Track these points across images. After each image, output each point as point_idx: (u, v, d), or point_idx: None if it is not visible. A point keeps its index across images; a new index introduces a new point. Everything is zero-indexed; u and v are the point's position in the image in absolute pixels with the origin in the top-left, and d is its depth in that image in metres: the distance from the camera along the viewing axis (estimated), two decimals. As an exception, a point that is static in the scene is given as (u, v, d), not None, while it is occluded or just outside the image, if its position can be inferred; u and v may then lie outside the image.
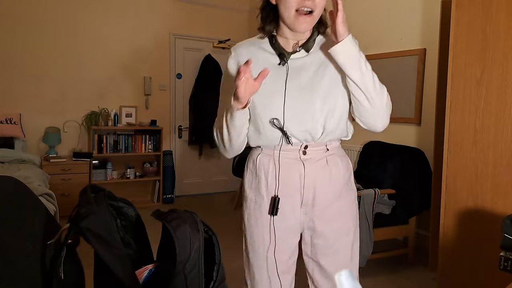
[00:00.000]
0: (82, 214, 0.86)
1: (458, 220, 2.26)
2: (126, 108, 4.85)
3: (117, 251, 0.84)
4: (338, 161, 1.29)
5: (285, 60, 1.23)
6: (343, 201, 1.31)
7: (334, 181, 1.27)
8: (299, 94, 1.21)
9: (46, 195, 2.82)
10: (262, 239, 1.29)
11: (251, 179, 1.32)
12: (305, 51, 1.24)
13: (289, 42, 1.25)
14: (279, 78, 1.23)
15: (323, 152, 1.26)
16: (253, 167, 1.32)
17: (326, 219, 1.27)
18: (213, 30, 5.35)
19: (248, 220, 1.32)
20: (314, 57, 1.25)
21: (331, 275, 1.29)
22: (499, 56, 2.06)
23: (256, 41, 1.30)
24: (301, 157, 1.24)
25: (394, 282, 2.80)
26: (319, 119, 1.22)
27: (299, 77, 1.22)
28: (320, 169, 1.25)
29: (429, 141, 3.28)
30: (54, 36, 4.45)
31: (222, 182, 5.57)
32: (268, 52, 1.26)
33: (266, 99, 1.22)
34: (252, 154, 1.35)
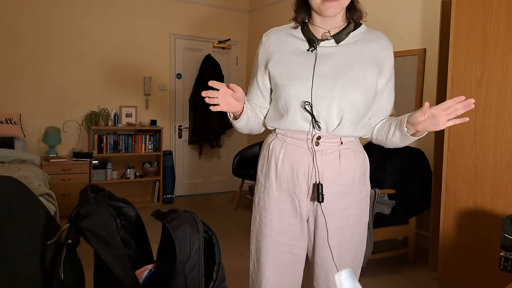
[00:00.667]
0: (82, 214, 0.86)
1: (458, 220, 2.26)
2: (126, 108, 4.85)
3: (117, 251, 0.84)
4: (352, 156, 1.28)
5: (315, 46, 1.24)
6: (352, 198, 1.29)
7: (344, 176, 1.26)
8: (322, 80, 1.22)
9: (46, 195, 2.81)
10: (270, 221, 1.31)
11: (263, 163, 1.35)
12: (335, 41, 1.25)
13: (320, 30, 1.27)
14: (308, 63, 1.24)
15: (337, 145, 1.25)
16: (266, 151, 1.34)
17: (330, 214, 1.26)
18: (213, 30, 5.35)
19: (258, 203, 1.35)
20: (345, 49, 1.25)
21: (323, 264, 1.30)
22: (499, 56, 2.06)
23: (286, 28, 1.34)
24: (313, 147, 1.24)
25: (394, 282, 2.80)
26: (335, 109, 1.22)
27: (325, 65, 1.23)
28: (331, 162, 1.24)
29: (429, 141, 3.27)
30: (54, 36, 4.45)
31: (222, 182, 5.56)
32: (298, 39, 1.29)
33: (293, 81, 1.23)
34: (267, 139, 1.37)
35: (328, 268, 1.30)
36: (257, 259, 1.36)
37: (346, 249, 1.30)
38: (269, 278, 1.33)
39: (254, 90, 1.38)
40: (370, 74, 1.25)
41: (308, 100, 1.22)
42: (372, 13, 4.10)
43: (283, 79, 1.25)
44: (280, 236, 1.30)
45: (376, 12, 3.86)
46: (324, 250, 1.29)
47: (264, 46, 1.34)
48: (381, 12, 3.82)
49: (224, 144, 5.44)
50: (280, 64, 1.28)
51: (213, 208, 4.85)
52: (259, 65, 1.35)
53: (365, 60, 1.25)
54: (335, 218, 1.27)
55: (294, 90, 1.23)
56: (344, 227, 1.29)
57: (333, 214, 1.27)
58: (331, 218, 1.26)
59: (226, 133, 5.39)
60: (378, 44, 1.29)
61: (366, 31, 1.31)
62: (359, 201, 1.32)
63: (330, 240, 1.27)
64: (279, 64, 1.28)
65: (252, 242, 1.38)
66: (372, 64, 1.26)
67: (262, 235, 1.32)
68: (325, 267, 1.30)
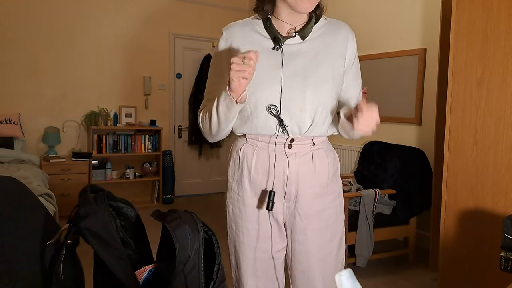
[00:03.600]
0: (82, 214, 0.85)
1: (459, 220, 2.26)
2: (125, 108, 4.85)
3: (116, 251, 0.84)
4: (324, 156, 1.25)
5: (280, 44, 1.17)
6: (329, 198, 1.26)
7: (318, 177, 1.23)
8: (291, 81, 1.16)
9: (46, 195, 2.81)
10: (247, 229, 1.26)
11: (234, 170, 1.27)
12: (300, 37, 1.19)
13: (284, 26, 1.19)
14: (274, 63, 1.17)
15: (309, 146, 1.22)
16: (236, 157, 1.27)
17: (308, 216, 1.23)
18: (213, 30, 5.34)
19: (233, 211, 1.29)
20: (311, 45, 1.19)
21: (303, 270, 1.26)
22: (499, 56, 2.06)
23: (250, 22, 1.24)
24: (286, 151, 1.20)
25: (394, 283, 2.80)
26: (308, 110, 1.17)
27: (293, 64, 1.17)
28: (305, 164, 1.21)
29: (429, 141, 3.27)
30: (54, 36, 4.45)
31: (222, 182, 5.54)
32: (262, 35, 1.20)
33: (261, 84, 1.16)
34: (236, 143, 1.30)
35: (311, 274, 1.26)
36: (237, 268, 1.31)
37: (328, 253, 1.27)
38: (251, 286, 1.29)
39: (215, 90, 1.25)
40: (338, 69, 1.21)
41: (275, 104, 1.15)
42: (372, 13, 4.12)
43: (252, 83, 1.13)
44: (258, 243, 1.26)
45: (376, 12, 3.85)
46: (304, 255, 1.25)
47: (226, 42, 1.25)
48: (381, 12, 3.81)
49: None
50: None
51: (213, 208, 4.85)
52: (221, 64, 1.25)
53: (331, 53, 1.20)
54: (314, 221, 1.23)
55: (263, 94, 1.16)
56: (323, 229, 1.25)
57: (311, 217, 1.23)
58: (309, 221, 1.23)
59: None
60: (341, 35, 1.23)
61: (327, 22, 1.25)
62: (334, 200, 1.28)
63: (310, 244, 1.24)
64: None
65: (231, 251, 1.33)
66: (338, 57, 1.21)
67: (240, 244, 1.28)
68: (307, 274, 1.26)
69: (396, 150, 3.38)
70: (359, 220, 2.80)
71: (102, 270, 0.90)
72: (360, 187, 3.19)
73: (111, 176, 4.65)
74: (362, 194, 2.84)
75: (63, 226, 0.94)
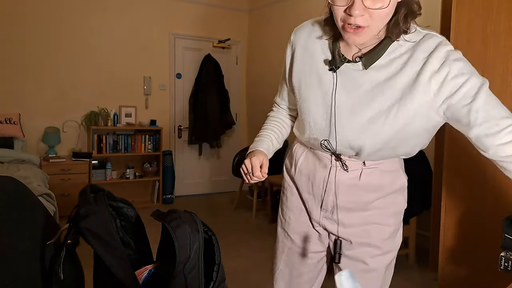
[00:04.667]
0: (82, 214, 0.86)
1: (459, 220, 2.26)
2: (125, 108, 4.85)
3: (116, 251, 0.84)
4: (377, 176, 1.13)
5: (334, 68, 1.04)
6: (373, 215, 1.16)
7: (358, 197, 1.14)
8: (338, 110, 1.06)
9: (46, 195, 2.81)
10: (289, 218, 1.30)
11: (287, 161, 1.33)
12: (362, 65, 1.01)
13: (352, 48, 1.04)
14: (328, 87, 1.07)
15: (360, 164, 1.12)
16: (290, 152, 1.32)
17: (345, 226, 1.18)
18: (213, 30, 5.35)
19: (282, 198, 1.35)
20: (376, 73, 1.01)
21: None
22: (499, 56, 2.06)
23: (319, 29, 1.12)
24: (332, 160, 1.15)
25: (394, 283, 2.79)
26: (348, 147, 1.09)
27: (346, 94, 1.05)
28: (348, 179, 1.13)
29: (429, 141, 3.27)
30: (53, 36, 4.45)
31: (222, 182, 5.56)
32: (324, 49, 1.09)
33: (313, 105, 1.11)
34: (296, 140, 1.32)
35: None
36: (276, 249, 1.36)
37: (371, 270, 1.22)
38: (282, 270, 1.33)
39: (284, 91, 1.28)
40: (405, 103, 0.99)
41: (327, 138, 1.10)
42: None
43: (301, 97, 1.13)
44: (294, 235, 1.28)
45: (376, 12, 3.85)
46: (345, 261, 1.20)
47: (291, 47, 1.17)
48: (381, 12, 3.81)
49: (224, 144, 5.44)
50: (301, 78, 1.14)
51: (213, 208, 4.85)
52: (286, 68, 1.21)
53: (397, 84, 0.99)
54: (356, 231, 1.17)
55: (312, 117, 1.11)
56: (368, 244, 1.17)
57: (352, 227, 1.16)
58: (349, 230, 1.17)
59: (226, 133, 5.38)
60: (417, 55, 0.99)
61: (413, 46, 1.01)
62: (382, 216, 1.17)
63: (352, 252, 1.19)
64: (299, 78, 1.14)
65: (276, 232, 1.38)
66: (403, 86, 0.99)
67: (281, 230, 1.33)
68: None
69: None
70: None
71: (102, 270, 0.90)
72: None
73: (111, 176, 4.65)
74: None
75: (63, 226, 0.95)
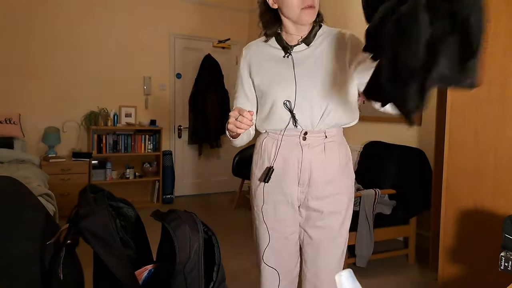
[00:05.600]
0: (82, 214, 0.85)
1: (459, 220, 2.26)
2: (125, 108, 4.85)
3: (116, 251, 0.84)
4: (336, 148, 1.41)
5: (289, 52, 1.38)
6: (337, 185, 1.42)
7: (329, 166, 1.39)
8: (302, 81, 1.35)
9: (46, 195, 2.81)
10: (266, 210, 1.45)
11: (257, 159, 1.48)
12: (305, 44, 1.38)
13: (293, 37, 1.40)
14: (287, 67, 1.37)
15: (322, 139, 1.38)
16: (259, 148, 1.48)
17: (319, 198, 1.40)
18: (213, 30, 5.34)
19: (254, 194, 1.49)
20: (315, 49, 1.38)
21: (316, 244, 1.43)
22: (499, 56, 2.06)
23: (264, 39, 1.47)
24: (300, 142, 1.38)
25: (394, 283, 2.80)
26: (317, 105, 1.34)
27: (303, 67, 1.36)
28: (317, 154, 1.38)
29: (429, 141, 3.27)
30: (54, 36, 4.45)
31: (222, 182, 5.56)
32: (274, 48, 1.42)
33: (276, 85, 1.38)
34: (259, 137, 1.50)
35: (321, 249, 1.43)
36: (257, 245, 1.51)
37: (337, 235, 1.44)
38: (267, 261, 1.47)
39: (241, 100, 1.49)
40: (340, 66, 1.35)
41: (289, 99, 1.35)
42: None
43: (266, 85, 1.40)
44: (274, 224, 1.45)
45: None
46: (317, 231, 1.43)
47: (245, 58, 1.48)
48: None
49: (224, 144, 5.44)
50: (261, 73, 1.42)
51: (213, 208, 4.85)
52: (243, 76, 1.48)
53: (334, 52, 1.37)
54: (327, 202, 1.40)
55: (278, 93, 1.37)
56: (335, 212, 1.42)
57: (324, 198, 1.40)
58: (322, 202, 1.40)
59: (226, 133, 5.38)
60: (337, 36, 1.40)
61: (327, 30, 1.43)
62: (347, 186, 1.46)
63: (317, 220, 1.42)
64: (260, 73, 1.43)
65: (253, 228, 1.53)
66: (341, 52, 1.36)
67: (260, 222, 1.47)
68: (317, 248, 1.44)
69: (396, 150, 3.38)
70: (359, 220, 2.80)
71: (102, 270, 0.90)
72: (360, 187, 3.19)
73: (111, 176, 4.65)
74: (362, 194, 2.84)
75: (63, 226, 0.94)
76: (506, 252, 1.52)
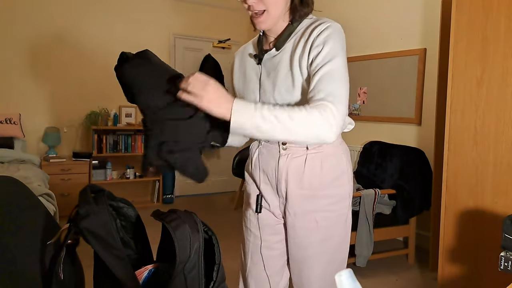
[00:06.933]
0: (82, 214, 0.86)
1: (459, 220, 2.26)
2: (126, 108, 4.85)
3: (116, 251, 0.84)
4: (318, 161, 1.22)
5: (259, 59, 1.26)
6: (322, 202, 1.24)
7: (308, 180, 1.23)
8: (263, 91, 1.26)
9: (46, 195, 2.81)
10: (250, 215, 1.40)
11: (248, 162, 1.43)
12: (275, 49, 1.22)
13: (269, 39, 1.28)
14: (256, 77, 1.29)
15: (303, 150, 1.22)
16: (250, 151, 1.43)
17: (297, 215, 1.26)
18: (213, 30, 5.34)
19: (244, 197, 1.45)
20: (285, 53, 1.21)
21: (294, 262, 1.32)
22: (499, 56, 2.06)
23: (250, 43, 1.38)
24: (280, 151, 1.26)
25: (394, 283, 2.80)
26: None
27: (268, 75, 1.25)
28: (295, 166, 1.23)
29: (429, 141, 3.27)
30: (54, 36, 4.45)
31: (222, 182, 5.56)
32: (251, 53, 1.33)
33: (246, 96, 1.32)
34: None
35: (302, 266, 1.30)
36: (243, 251, 1.44)
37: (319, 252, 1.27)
38: (251, 271, 1.38)
39: None
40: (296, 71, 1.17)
41: None
42: (372, 13, 4.11)
43: (240, 95, 1.36)
44: (258, 231, 1.36)
45: (376, 12, 3.86)
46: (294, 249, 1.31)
47: (233, 64, 1.41)
48: (381, 12, 3.81)
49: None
50: (239, 81, 1.37)
51: (213, 208, 4.85)
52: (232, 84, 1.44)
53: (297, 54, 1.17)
54: (302, 220, 1.26)
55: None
56: (312, 229, 1.25)
57: (300, 215, 1.26)
58: (298, 219, 1.26)
59: (226, 133, 5.38)
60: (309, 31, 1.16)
61: (307, 24, 1.20)
62: (331, 204, 1.25)
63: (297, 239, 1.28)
64: (238, 81, 1.38)
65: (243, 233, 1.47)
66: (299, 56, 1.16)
67: (246, 228, 1.42)
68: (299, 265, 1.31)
69: (396, 150, 3.38)
70: (359, 220, 2.80)
71: (102, 270, 0.90)
72: (360, 187, 3.19)
73: (111, 176, 4.65)
74: (362, 194, 2.84)
75: (63, 226, 0.95)
76: (506, 252, 1.52)
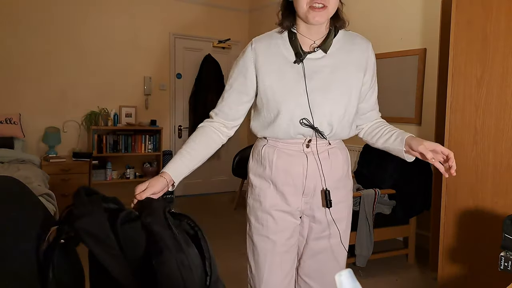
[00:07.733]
0: (77, 214, 0.85)
1: (459, 220, 2.26)
2: (125, 108, 4.85)
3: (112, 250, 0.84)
4: (339, 154, 1.35)
5: (301, 59, 1.25)
6: (342, 192, 1.38)
7: (334, 173, 1.34)
8: (312, 95, 1.25)
9: (46, 195, 2.81)
10: (266, 222, 1.33)
11: (256, 167, 1.37)
12: (322, 51, 1.26)
13: (306, 40, 1.28)
14: (297, 76, 1.26)
15: (325, 145, 1.32)
16: (258, 156, 1.37)
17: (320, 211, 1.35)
18: (213, 30, 5.34)
19: (253, 205, 1.38)
20: (331, 59, 1.27)
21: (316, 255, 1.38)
22: (499, 56, 2.06)
23: (275, 36, 1.31)
24: (304, 150, 1.30)
25: (394, 283, 2.80)
26: (326, 122, 1.27)
27: (315, 78, 1.25)
28: (322, 161, 1.31)
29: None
30: (54, 36, 4.45)
31: (222, 182, 5.56)
32: (286, 49, 1.28)
33: (285, 95, 1.26)
34: (257, 144, 1.40)
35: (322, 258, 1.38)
36: (254, 261, 1.38)
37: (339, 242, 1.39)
38: (268, 280, 1.34)
39: (232, 97, 1.34)
40: (356, 82, 1.30)
41: (305, 117, 1.25)
42: (372, 13, 4.11)
43: (277, 94, 1.26)
44: (276, 236, 1.33)
45: (376, 12, 3.85)
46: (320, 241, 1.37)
47: (253, 52, 1.29)
48: (381, 12, 3.81)
49: (224, 144, 5.43)
50: (269, 76, 1.27)
51: (213, 208, 4.85)
52: (248, 69, 1.30)
53: (350, 66, 1.29)
54: (333, 211, 1.34)
55: (288, 106, 1.25)
56: (339, 220, 1.37)
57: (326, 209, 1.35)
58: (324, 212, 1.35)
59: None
60: (358, 46, 1.32)
61: (344, 35, 1.32)
62: (347, 195, 1.41)
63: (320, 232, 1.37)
64: (268, 75, 1.27)
65: (249, 245, 1.40)
66: (356, 69, 1.30)
67: (259, 236, 1.35)
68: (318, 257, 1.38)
69: (396, 150, 3.37)
70: (359, 220, 2.80)
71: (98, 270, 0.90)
72: (360, 187, 3.19)
73: (111, 176, 4.65)
74: (362, 194, 2.84)
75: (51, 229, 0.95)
76: (506, 252, 1.52)
